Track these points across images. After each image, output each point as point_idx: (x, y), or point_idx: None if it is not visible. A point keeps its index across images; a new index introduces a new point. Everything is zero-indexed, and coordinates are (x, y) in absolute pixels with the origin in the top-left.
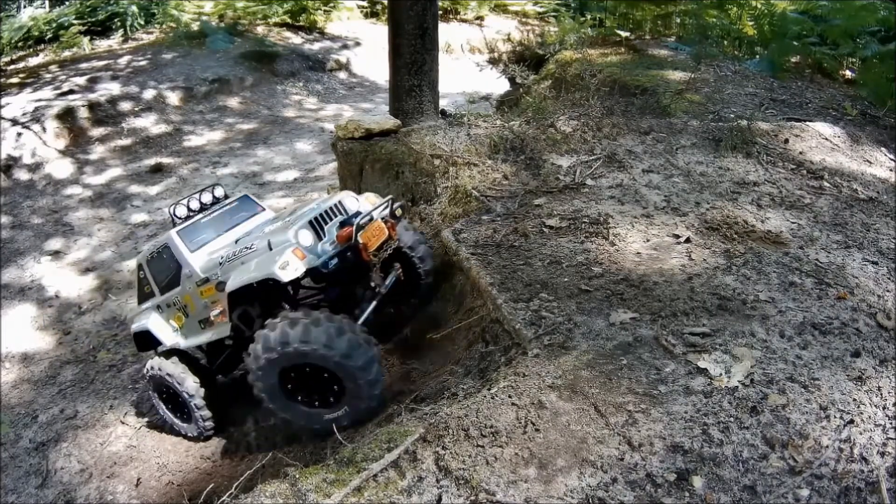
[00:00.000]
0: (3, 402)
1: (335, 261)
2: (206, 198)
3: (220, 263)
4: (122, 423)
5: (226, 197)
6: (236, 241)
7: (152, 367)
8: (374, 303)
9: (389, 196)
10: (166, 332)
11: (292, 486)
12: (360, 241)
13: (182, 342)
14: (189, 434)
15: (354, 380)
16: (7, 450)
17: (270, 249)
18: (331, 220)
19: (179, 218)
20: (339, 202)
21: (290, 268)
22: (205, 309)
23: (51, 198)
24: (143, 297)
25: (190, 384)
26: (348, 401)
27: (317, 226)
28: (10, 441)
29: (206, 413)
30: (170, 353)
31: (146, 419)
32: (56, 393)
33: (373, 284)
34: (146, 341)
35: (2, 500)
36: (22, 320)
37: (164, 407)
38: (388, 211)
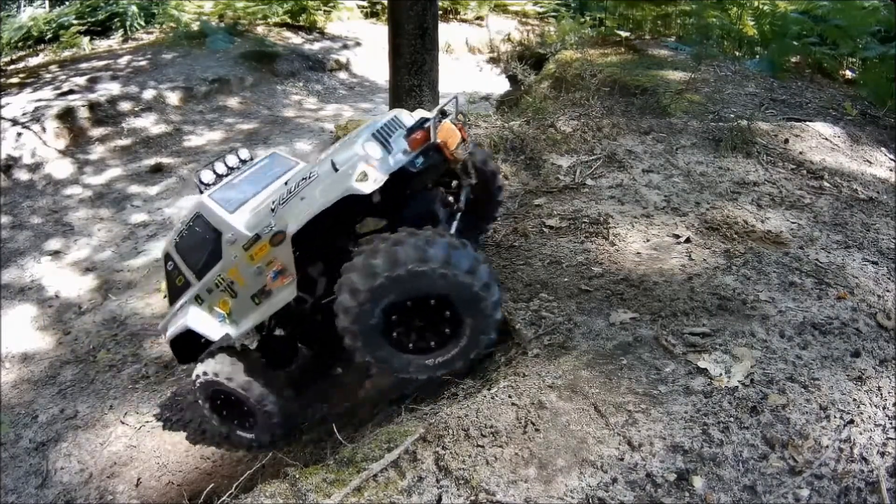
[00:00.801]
0: (3, 402)
1: (421, 159)
2: (233, 160)
3: (273, 210)
4: (122, 423)
5: (251, 159)
6: (286, 183)
7: (202, 373)
8: (455, 221)
9: (454, 94)
10: (211, 324)
11: (292, 486)
12: (439, 139)
13: (233, 331)
14: (258, 443)
15: (476, 304)
16: (7, 450)
17: (336, 170)
18: (393, 132)
19: (206, 184)
20: (396, 117)
21: (369, 179)
22: (258, 276)
23: (51, 198)
24: (175, 294)
25: (253, 383)
26: (467, 334)
27: (381, 139)
28: (10, 441)
29: (277, 414)
30: (220, 350)
31: (146, 419)
32: (56, 393)
33: (451, 200)
34: (188, 347)
35: (2, 500)
36: (22, 320)
37: (219, 417)
38: (453, 113)
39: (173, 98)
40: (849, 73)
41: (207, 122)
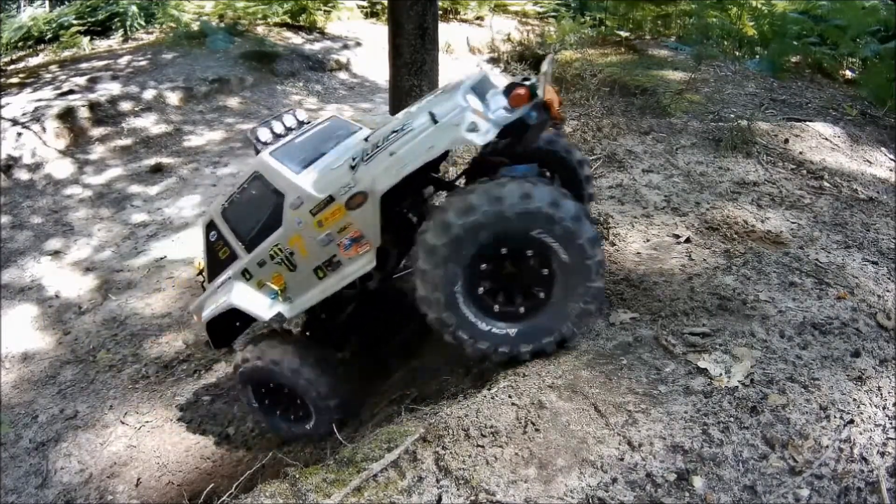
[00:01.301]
0: (3, 402)
1: (535, 114)
2: (290, 120)
3: (353, 167)
4: (122, 423)
5: (308, 121)
6: (366, 139)
7: (248, 359)
8: None
9: (551, 54)
10: (261, 303)
11: (292, 486)
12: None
13: (287, 310)
14: (311, 435)
15: (580, 259)
16: (7, 450)
17: (436, 122)
18: (488, 90)
19: (263, 142)
20: (486, 76)
21: (480, 130)
22: (325, 246)
23: (51, 198)
24: (216, 269)
25: (307, 368)
26: (561, 300)
27: (479, 95)
28: (10, 441)
29: (334, 401)
30: (266, 334)
31: (146, 419)
32: (56, 393)
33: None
34: (225, 330)
35: (2, 500)
36: (22, 320)
37: (265, 408)
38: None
39: (173, 98)
40: (849, 73)
41: (207, 122)
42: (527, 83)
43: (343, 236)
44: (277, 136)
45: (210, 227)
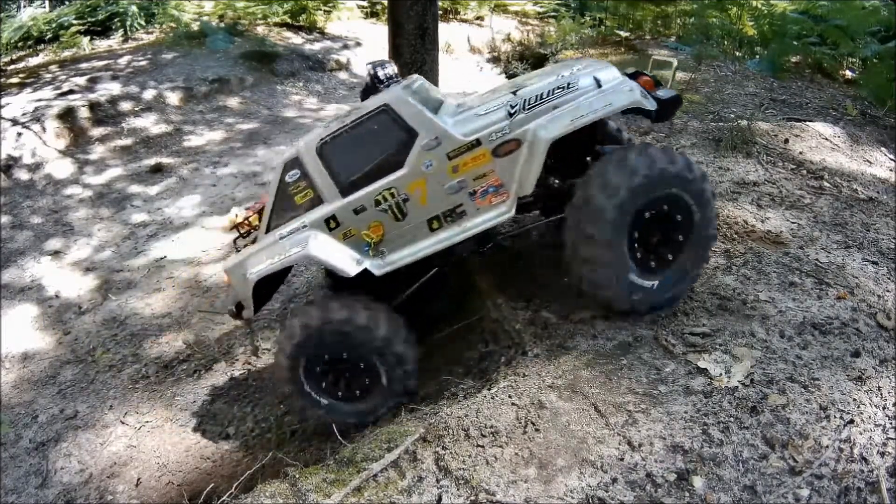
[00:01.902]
0: (3, 402)
1: (673, 93)
2: (391, 70)
3: (511, 115)
4: (122, 423)
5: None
6: (514, 93)
7: (311, 321)
8: None
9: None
10: (345, 256)
11: (292, 486)
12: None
13: (377, 265)
14: (370, 414)
15: (707, 209)
16: (7, 450)
17: (600, 86)
18: None
19: (383, 81)
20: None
21: (648, 99)
22: (454, 193)
23: (51, 198)
24: (282, 217)
25: (384, 327)
26: (690, 249)
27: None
28: (10, 441)
29: (411, 365)
30: (326, 295)
31: (146, 419)
32: (56, 393)
33: None
34: (267, 289)
35: (2, 500)
36: (22, 320)
37: (316, 386)
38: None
39: (173, 98)
40: (849, 73)
41: (207, 122)
42: (648, 74)
43: (479, 184)
44: (382, 82)
45: (293, 164)
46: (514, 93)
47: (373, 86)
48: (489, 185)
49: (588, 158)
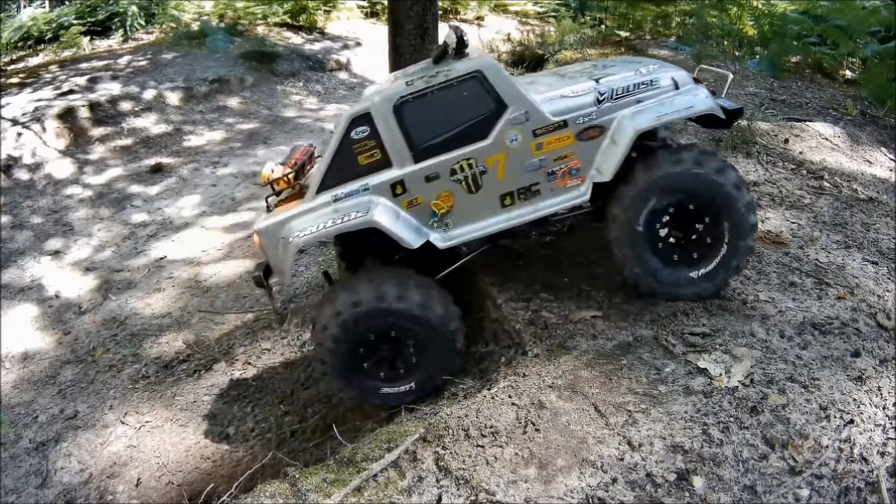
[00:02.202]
0: (3, 402)
1: (737, 105)
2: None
3: (599, 101)
4: (122, 423)
5: None
6: (598, 81)
7: (359, 301)
8: None
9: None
10: (409, 225)
11: (292, 486)
12: None
13: (440, 238)
14: (414, 394)
15: (739, 216)
16: (7, 450)
17: (677, 88)
18: None
19: (467, 45)
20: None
21: (721, 107)
22: (532, 171)
23: (51, 198)
24: (339, 177)
25: (438, 303)
26: (725, 242)
27: None
28: (10, 441)
29: (461, 342)
30: (373, 270)
31: (146, 419)
32: (56, 393)
33: None
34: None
35: (2, 500)
36: (22, 320)
37: (360, 366)
38: None
39: (173, 98)
40: (849, 73)
41: (207, 122)
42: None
43: (559, 165)
44: (466, 46)
45: (362, 120)
46: (597, 80)
47: (458, 50)
48: (569, 167)
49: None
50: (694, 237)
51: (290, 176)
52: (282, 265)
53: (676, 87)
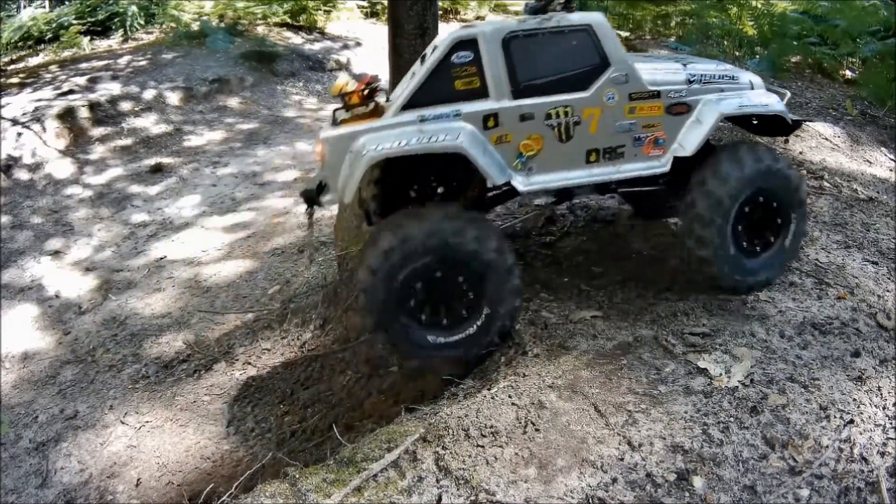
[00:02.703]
0: (3, 402)
1: (800, 118)
2: None
3: (690, 82)
4: (122, 423)
5: None
6: (685, 65)
7: (413, 235)
8: None
9: None
10: (495, 160)
11: (292, 486)
12: None
13: (522, 181)
14: (454, 354)
15: (801, 202)
16: (7, 450)
17: (752, 88)
18: None
19: (573, 1)
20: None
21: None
22: (621, 133)
23: (51, 198)
24: (427, 97)
25: (506, 246)
26: (791, 230)
27: None
28: (10, 441)
29: (513, 320)
30: (439, 207)
31: (146, 419)
32: (56, 393)
33: None
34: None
35: (2, 500)
36: (22, 320)
37: (409, 314)
38: None
39: (173, 98)
40: (849, 73)
41: (208, 122)
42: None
43: (646, 132)
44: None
45: (466, 45)
46: (684, 65)
47: (567, 2)
48: (655, 136)
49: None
50: (764, 229)
51: (365, 92)
52: (347, 180)
53: (752, 87)
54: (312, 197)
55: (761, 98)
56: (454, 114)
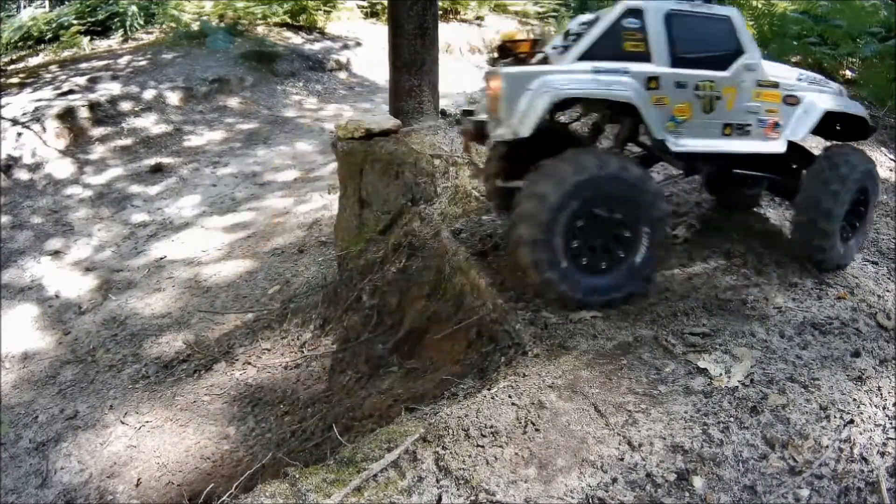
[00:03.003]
0: (3, 402)
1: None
2: None
3: (799, 79)
4: (122, 423)
5: None
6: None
7: (583, 167)
8: None
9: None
10: (657, 117)
11: (292, 486)
12: None
13: (673, 142)
14: (606, 296)
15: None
16: (7, 450)
17: (841, 94)
18: None
19: None
20: None
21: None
22: (749, 113)
23: (51, 198)
24: (606, 52)
25: (660, 189)
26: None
27: None
28: (10, 441)
29: (655, 268)
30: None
31: (146, 419)
32: (56, 393)
33: None
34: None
35: (2, 500)
36: (22, 320)
37: (569, 251)
38: None
39: (173, 98)
40: (849, 73)
41: (208, 121)
42: None
43: (768, 115)
44: None
45: (634, 14)
46: (791, 67)
47: None
48: (774, 121)
49: None
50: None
51: (530, 44)
52: (525, 114)
53: (840, 93)
54: (473, 134)
55: (852, 103)
56: (623, 70)
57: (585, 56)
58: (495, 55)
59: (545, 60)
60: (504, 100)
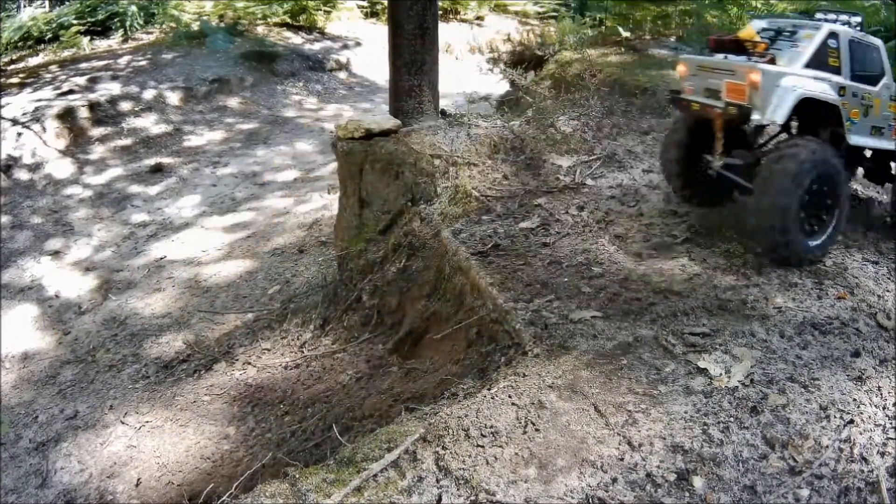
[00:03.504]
0: (3, 402)
1: None
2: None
3: None
4: (122, 423)
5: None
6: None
7: (816, 149)
8: None
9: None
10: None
11: (292, 486)
12: None
13: (849, 137)
14: (817, 253)
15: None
16: (7, 450)
17: None
18: None
19: (853, 25)
20: None
21: None
22: (884, 119)
23: (51, 198)
24: (820, 64)
25: (848, 185)
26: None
27: None
28: (10, 441)
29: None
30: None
31: (146, 419)
32: (56, 393)
33: None
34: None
35: (2, 500)
36: (22, 320)
37: (799, 219)
38: None
39: (173, 98)
40: None
41: (207, 121)
42: None
43: (894, 123)
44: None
45: (833, 37)
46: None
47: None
48: None
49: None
50: None
51: (764, 45)
52: (778, 106)
53: None
54: (738, 114)
55: None
56: (828, 80)
57: (809, 64)
58: (710, 48)
59: (773, 60)
60: (761, 91)
